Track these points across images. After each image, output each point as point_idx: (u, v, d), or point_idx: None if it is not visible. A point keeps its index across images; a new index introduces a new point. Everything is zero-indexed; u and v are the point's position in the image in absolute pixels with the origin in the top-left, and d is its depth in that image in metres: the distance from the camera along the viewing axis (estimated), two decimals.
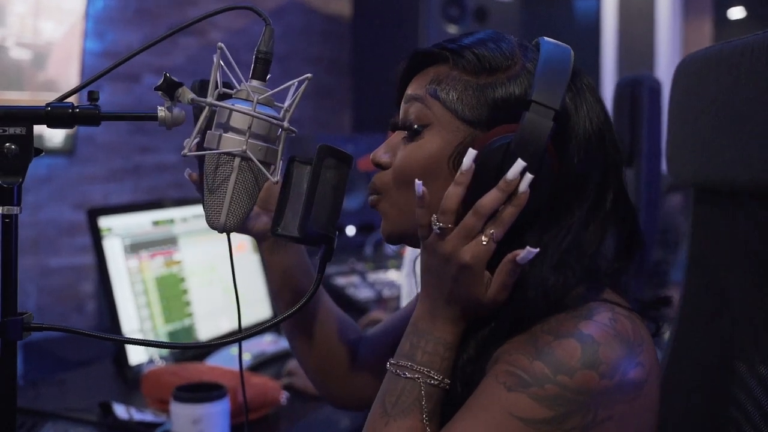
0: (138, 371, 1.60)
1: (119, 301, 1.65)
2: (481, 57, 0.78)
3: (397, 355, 0.78)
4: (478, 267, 0.74)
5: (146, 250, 1.74)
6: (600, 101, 0.80)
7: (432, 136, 0.79)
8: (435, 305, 0.77)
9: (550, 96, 0.74)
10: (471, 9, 3.31)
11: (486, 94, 0.77)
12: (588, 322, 0.71)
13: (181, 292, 1.79)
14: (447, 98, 0.78)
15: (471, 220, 0.73)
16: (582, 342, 0.70)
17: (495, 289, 0.74)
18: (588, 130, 0.77)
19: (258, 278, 2.00)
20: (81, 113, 0.78)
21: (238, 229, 0.83)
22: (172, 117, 0.78)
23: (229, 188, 0.79)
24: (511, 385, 0.70)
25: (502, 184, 0.72)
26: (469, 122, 0.78)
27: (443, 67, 0.80)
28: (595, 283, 0.77)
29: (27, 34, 2.52)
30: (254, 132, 0.78)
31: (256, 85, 0.81)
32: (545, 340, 0.71)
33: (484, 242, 0.73)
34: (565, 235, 0.75)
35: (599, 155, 0.78)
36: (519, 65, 0.78)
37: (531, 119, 0.73)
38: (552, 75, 0.75)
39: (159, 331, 1.71)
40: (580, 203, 0.77)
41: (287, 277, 0.97)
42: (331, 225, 0.82)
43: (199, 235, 1.88)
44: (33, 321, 0.77)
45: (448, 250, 0.74)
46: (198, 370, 1.50)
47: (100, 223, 1.66)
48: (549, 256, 0.74)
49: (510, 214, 0.73)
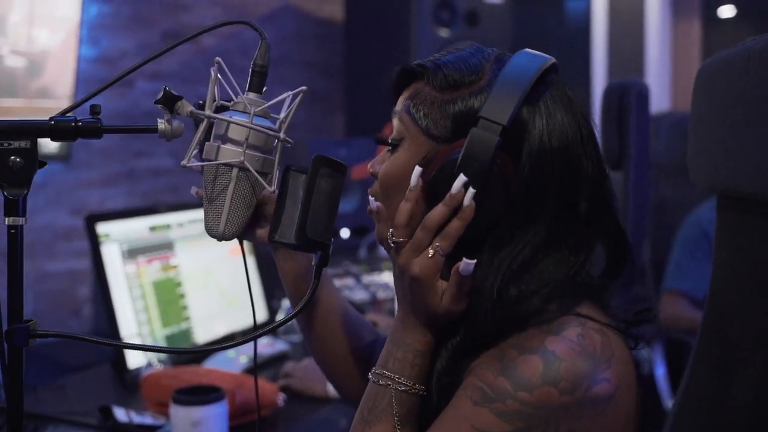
0: (136, 375, 1.62)
1: (117, 305, 1.67)
2: (447, 74, 0.80)
3: (377, 364, 0.82)
4: (427, 279, 0.76)
5: (143, 255, 1.76)
6: (573, 112, 0.79)
7: (404, 150, 0.82)
8: (405, 314, 0.81)
9: (500, 110, 0.75)
10: (462, 12, 3.33)
11: (448, 109, 0.79)
12: (555, 337, 0.74)
13: (177, 297, 1.81)
14: (417, 114, 0.81)
15: (420, 234, 0.77)
16: (544, 358, 0.72)
17: (447, 299, 0.77)
18: (545, 143, 0.77)
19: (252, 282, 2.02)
20: (84, 126, 0.81)
21: (236, 236, 0.85)
22: (171, 129, 0.81)
23: (228, 198, 0.82)
24: (477, 400, 0.73)
25: (447, 198, 0.75)
26: (434, 137, 0.80)
27: (420, 83, 0.83)
28: (573, 298, 0.78)
29: (21, 42, 2.54)
30: (251, 143, 0.81)
31: (252, 98, 0.84)
32: (511, 355, 0.74)
33: (430, 255, 0.76)
34: (519, 252, 0.77)
35: (560, 169, 0.77)
36: (484, 80, 0.79)
37: (476, 134, 0.75)
38: (506, 89, 0.76)
39: (156, 335, 1.73)
40: (536, 220, 0.77)
41: (298, 282, 1.00)
42: (326, 232, 0.85)
43: (195, 240, 1.90)
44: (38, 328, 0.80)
45: (402, 263, 0.78)
46: (196, 373, 1.52)
47: (97, 229, 1.68)
48: (500, 272, 0.76)
49: (455, 228, 0.75)
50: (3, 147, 0.77)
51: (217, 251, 1.94)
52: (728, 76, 0.84)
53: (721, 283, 0.92)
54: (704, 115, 0.90)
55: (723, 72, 0.86)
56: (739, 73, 0.82)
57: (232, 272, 1.98)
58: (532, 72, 0.78)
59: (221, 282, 1.93)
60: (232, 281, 1.96)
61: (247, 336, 0.86)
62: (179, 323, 1.80)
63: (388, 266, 2.59)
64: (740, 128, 0.82)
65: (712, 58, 0.90)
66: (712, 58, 0.91)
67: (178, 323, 1.80)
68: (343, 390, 1.08)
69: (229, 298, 1.95)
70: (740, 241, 0.88)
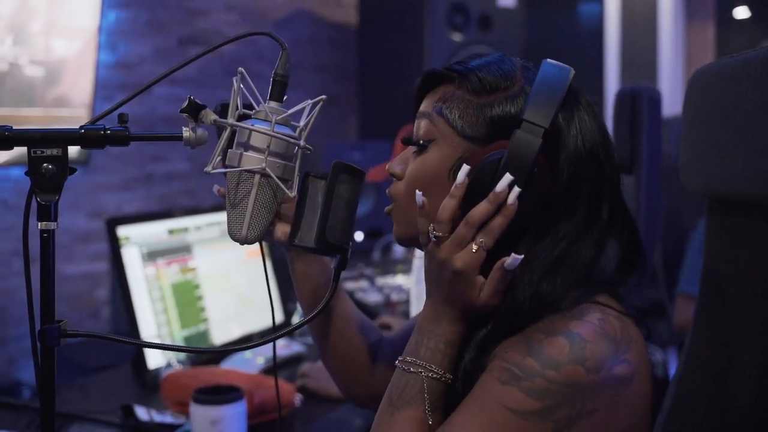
0: (156, 375, 1.64)
1: (138, 307, 1.69)
2: (482, 78, 0.85)
3: (404, 353, 0.85)
4: (469, 273, 0.80)
5: (162, 258, 1.78)
6: (596, 119, 0.85)
7: (435, 151, 0.86)
8: (437, 306, 0.84)
9: (541, 115, 0.80)
10: (475, 17, 3.34)
11: (484, 112, 0.83)
12: (578, 321, 0.78)
13: (196, 299, 1.84)
14: (450, 116, 0.85)
15: (463, 229, 0.80)
16: (570, 339, 0.76)
17: (487, 293, 0.81)
18: (579, 146, 0.83)
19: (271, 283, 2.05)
20: (112, 135, 0.84)
21: (258, 240, 0.88)
22: (196, 137, 0.84)
23: (250, 203, 0.84)
24: (504, 380, 0.76)
25: (491, 196, 0.79)
26: (469, 138, 0.84)
27: (450, 86, 0.87)
28: (591, 289, 0.82)
29: (39, 51, 2.58)
30: (273, 150, 0.84)
31: (273, 106, 0.86)
32: (537, 338, 0.78)
33: (474, 250, 0.80)
34: (557, 245, 0.81)
35: (591, 170, 0.83)
36: (517, 86, 0.84)
37: (520, 137, 0.79)
38: (545, 95, 0.81)
39: (175, 336, 1.76)
40: (570, 216, 0.83)
41: (310, 282, 1.02)
42: (345, 236, 0.88)
43: (212, 243, 1.93)
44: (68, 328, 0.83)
45: (442, 257, 0.81)
46: (214, 373, 1.55)
47: (118, 232, 1.70)
48: (540, 264, 0.81)
49: (499, 225, 0.79)
50: (36, 155, 0.80)
51: (235, 254, 1.97)
52: (725, 83, 0.87)
53: (711, 286, 0.95)
54: (697, 121, 0.93)
55: (719, 79, 0.89)
56: (737, 80, 0.85)
57: (249, 275, 2.00)
58: (566, 80, 0.83)
59: (238, 284, 1.96)
60: (248, 283, 1.98)
61: (266, 337, 0.88)
62: (197, 325, 1.82)
63: (402, 269, 2.60)
64: (739, 133, 0.85)
65: (706, 66, 0.93)
66: (706, 65, 0.94)
67: (196, 325, 1.82)
68: (347, 390, 1.11)
69: (246, 300, 1.97)
70: (732, 243, 0.91)
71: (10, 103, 2.53)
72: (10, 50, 2.47)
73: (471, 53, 0.93)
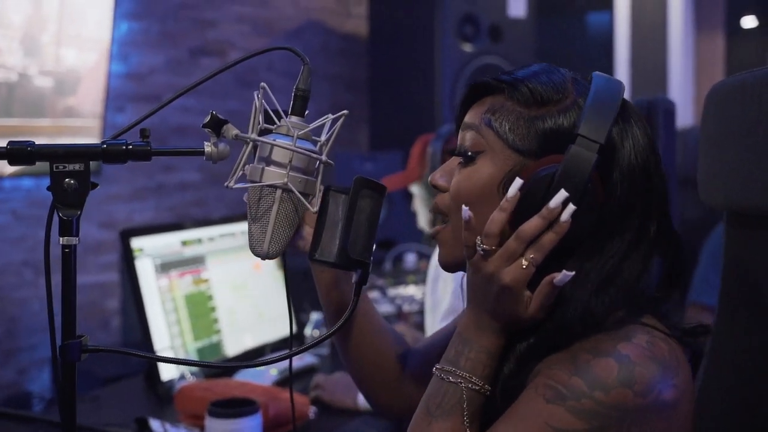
0: (169, 387, 1.64)
1: (151, 319, 1.69)
2: (533, 90, 0.83)
3: (442, 361, 0.84)
4: (517, 288, 0.79)
5: (176, 270, 1.78)
6: (647, 133, 0.84)
7: (484, 163, 0.84)
8: (480, 318, 0.82)
9: (597, 130, 0.78)
10: (485, 27, 3.34)
11: (536, 125, 0.82)
12: (626, 343, 0.77)
13: (209, 310, 1.84)
14: (500, 128, 0.83)
15: (513, 244, 0.78)
16: (619, 361, 0.75)
17: (534, 308, 0.79)
18: (633, 162, 0.81)
19: (281, 295, 2.05)
20: (134, 150, 0.83)
21: (279, 255, 0.88)
22: (218, 152, 0.83)
23: (272, 218, 0.84)
24: (550, 398, 0.75)
25: (544, 211, 0.77)
26: (519, 151, 0.82)
27: (499, 97, 0.85)
28: (636, 308, 0.81)
29: (50, 62, 2.58)
30: (294, 165, 0.84)
31: (295, 121, 0.86)
32: (584, 357, 0.76)
33: (523, 266, 0.78)
34: (606, 263, 0.80)
35: (643, 187, 0.82)
36: (570, 99, 0.82)
37: (576, 152, 0.78)
38: (600, 109, 0.79)
39: (188, 348, 1.76)
40: (622, 233, 0.81)
41: (333, 292, 1.01)
42: (366, 251, 0.87)
43: (225, 254, 1.93)
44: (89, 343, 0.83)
45: (490, 271, 0.79)
46: (229, 386, 1.54)
47: (132, 244, 1.70)
48: (589, 282, 0.79)
49: (550, 241, 0.78)
50: (59, 170, 0.80)
51: (247, 265, 1.96)
52: (745, 99, 0.87)
53: (730, 297, 0.95)
54: (715, 136, 0.93)
55: (738, 94, 0.89)
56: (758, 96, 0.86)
57: (262, 286, 2.00)
58: (619, 93, 0.82)
59: (251, 295, 1.95)
60: (261, 294, 1.98)
61: (282, 353, 0.87)
62: (210, 336, 1.82)
63: (414, 279, 2.60)
64: (759, 148, 0.85)
65: (724, 81, 0.94)
66: (724, 80, 0.94)
67: (209, 336, 1.82)
68: (375, 401, 1.10)
69: (259, 311, 1.97)
70: (751, 255, 0.91)
71: (20, 113, 2.53)
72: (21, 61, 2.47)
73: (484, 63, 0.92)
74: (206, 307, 1.83)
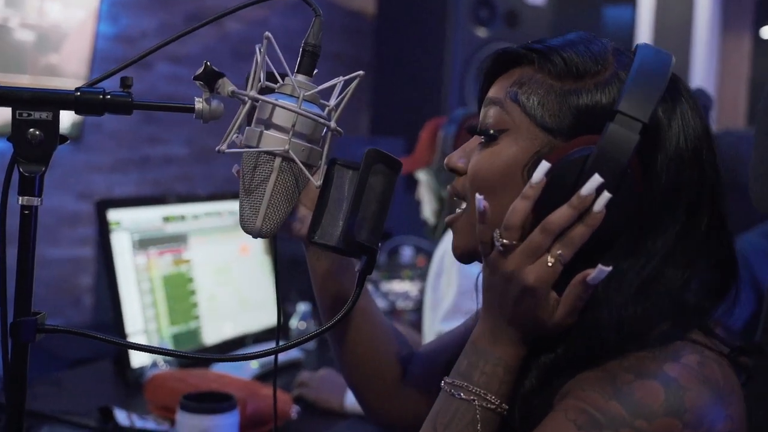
0: (140, 374, 1.58)
1: (124, 299, 1.64)
2: (568, 60, 0.75)
3: (453, 374, 0.76)
4: (542, 289, 0.71)
5: (155, 247, 1.73)
6: (699, 113, 0.76)
7: (508, 143, 0.77)
8: (496, 325, 0.75)
9: (640, 107, 0.70)
10: (501, 12, 3.30)
11: (570, 100, 0.74)
12: (674, 363, 0.69)
13: (188, 293, 1.78)
14: (527, 103, 0.76)
15: (537, 237, 0.70)
16: (666, 385, 0.67)
17: (562, 313, 0.71)
18: (681, 146, 0.74)
19: (267, 282, 1.98)
20: (113, 100, 0.76)
21: (274, 233, 0.79)
22: (210, 110, 0.76)
23: (268, 190, 0.77)
24: (582, 424, 0.67)
25: (574, 200, 0.69)
26: (549, 130, 0.75)
27: (528, 69, 0.78)
28: (682, 321, 0.73)
29: (32, 14, 2.48)
30: (298, 131, 0.77)
31: (302, 80, 0.79)
32: (624, 378, 0.68)
33: (549, 263, 0.70)
34: (646, 263, 0.72)
35: (692, 175, 0.74)
36: (610, 71, 0.75)
37: (614, 131, 0.70)
38: (644, 84, 0.72)
39: (164, 333, 1.70)
40: (665, 229, 0.73)
41: (330, 282, 0.94)
42: (374, 236, 0.80)
43: (210, 234, 1.87)
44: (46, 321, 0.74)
45: (510, 269, 0.71)
46: (205, 378, 1.48)
47: (108, 216, 1.64)
48: (626, 285, 0.71)
49: (580, 235, 0.70)
50: (23, 117, 0.72)
51: (233, 248, 1.91)
52: None
53: None
54: None
55: None
56: None
57: (247, 271, 1.95)
58: (667, 67, 0.74)
59: (234, 280, 1.90)
60: (245, 280, 1.93)
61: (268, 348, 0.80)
62: (188, 322, 1.76)
63: (409, 273, 2.54)
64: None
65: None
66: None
67: (187, 322, 1.76)
68: (369, 406, 1.03)
69: (242, 298, 1.92)
70: None
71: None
72: (1, 11, 2.37)
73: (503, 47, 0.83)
74: (185, 290, 1.78)
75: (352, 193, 0.80)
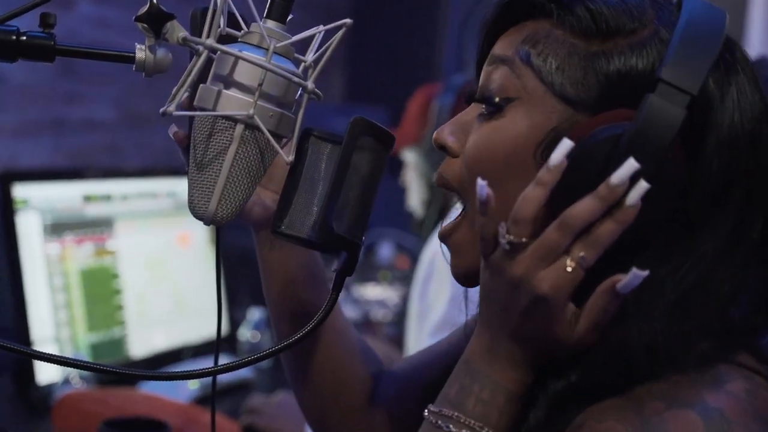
0: (47, 393, 1.61)
1: (30, 297, 1.66)
2: (596, 14, 0.75)
3: (440, 401, 0.76)
4: (559, 300, 0.71)
5: (72, 233, 1.76)
6: (758, 86, 0.76)
7: (517, 116, 0.76)
8: (497, 341, 0.75)
9: (688, 75, 0.70)
10: None
11: (597, 65, 0.74)
12: (716, 391, 0.69)
13: (112, 292, 1.81)
14: (543, 66, 0.75)
15: (554, 235, 0.70)
16: (706, 417, 0.67)
17: (582, 329, 0.71)
18: (737, 126, 0.73)
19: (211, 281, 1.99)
20: (29, 42, 0.74)
21: (231, 220, 0.79)
22: (154, 60, 0.75)
23: (226, 165, 0.76)
24: None
25: (603, 190, 0.69)
26: (570, 101, 0.74)
27: (544, 23, 0.77)
28: (728, 340, 0.74)
29: None
30: (266, 91, 0.75)
31: (272, 28, 0.77)
32: (654, 407, 0.68)
33: (568, 268, 0.70)
34: (690, 271, 0.72)
35: (749, 163, 0.74)
36: (649, 30, 0.74)
37: (656, 105, 0.69)
38: (693, 47, 0.71)
39: (79, 341, 1.72)
40: (714, 228, 0.73)
41: (290, 282, 0.95)
42: (357, 227, 0.79)
43: (141, 219, 1.89)
44: None
45: (518, 274, 0.71)
46: (131, 400, 1.53)
47: (14, 192, 1.67)
48: (663, 296, 0.72)
49: (608, 233, 0.69)
50: None
51: (169, 237, 1.94)
52: None
53: None
54: None
55: None
56: None
57: (186, 266, 1.98)
58: (721, 26, 0.74)
59: (170, 278, 1.93)
60: (184, 278, 1.96)
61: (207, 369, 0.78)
62: (111, 328, 1.79)
63: (387, 277, 2.58)
64: None
65: None
66: None
67: (110, 328, 1.79)
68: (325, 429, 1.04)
69: (179, 299, 1.95)
70: None
71: None
72: None
73: None
74: (109, 289, 1.81)
75: (331, 172, 0.78)
